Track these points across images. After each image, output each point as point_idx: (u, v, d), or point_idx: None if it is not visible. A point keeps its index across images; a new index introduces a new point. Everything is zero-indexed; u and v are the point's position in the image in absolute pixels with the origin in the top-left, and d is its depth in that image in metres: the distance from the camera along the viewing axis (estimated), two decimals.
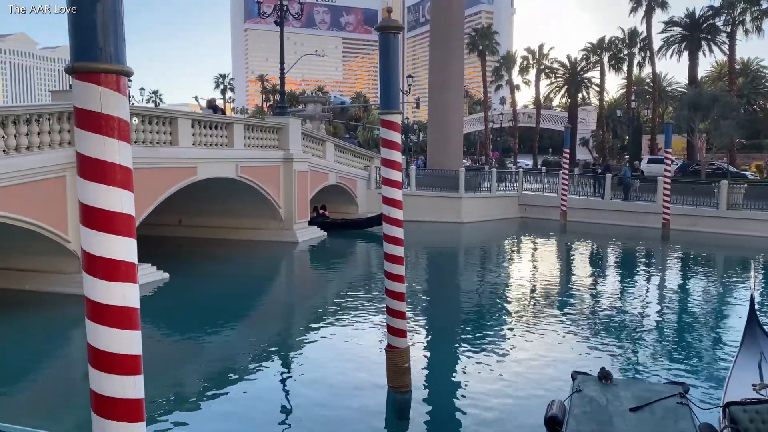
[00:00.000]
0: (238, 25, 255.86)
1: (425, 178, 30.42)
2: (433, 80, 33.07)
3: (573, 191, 29.99)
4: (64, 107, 14.18)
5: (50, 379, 10.05)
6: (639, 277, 18.93)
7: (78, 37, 3.35)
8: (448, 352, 10.92)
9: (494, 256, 23.53)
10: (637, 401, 6.57)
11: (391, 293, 8.51)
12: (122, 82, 3.42)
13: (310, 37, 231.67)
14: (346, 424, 7.89)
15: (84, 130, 3.38)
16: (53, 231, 13.44)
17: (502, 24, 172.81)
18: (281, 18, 25.39)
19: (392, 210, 8.40)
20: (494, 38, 64.15)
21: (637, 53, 56.35)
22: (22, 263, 14.48)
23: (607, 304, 14.55)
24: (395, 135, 8.31)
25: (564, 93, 66.49)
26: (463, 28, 35.52)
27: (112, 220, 3.41)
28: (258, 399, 8.78)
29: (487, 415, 8.10)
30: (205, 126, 19.37)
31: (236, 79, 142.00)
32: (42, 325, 12.39)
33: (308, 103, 52.02)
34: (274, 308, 15.33)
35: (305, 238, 22.86)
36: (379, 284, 14.37)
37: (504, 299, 15.41)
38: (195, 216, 22.96)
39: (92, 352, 3.51)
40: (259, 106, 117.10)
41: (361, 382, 9.23)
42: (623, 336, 11.86)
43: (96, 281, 3.43)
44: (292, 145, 22.90)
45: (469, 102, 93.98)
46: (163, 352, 10.75)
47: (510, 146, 73.81)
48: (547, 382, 9.03)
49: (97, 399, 3.52)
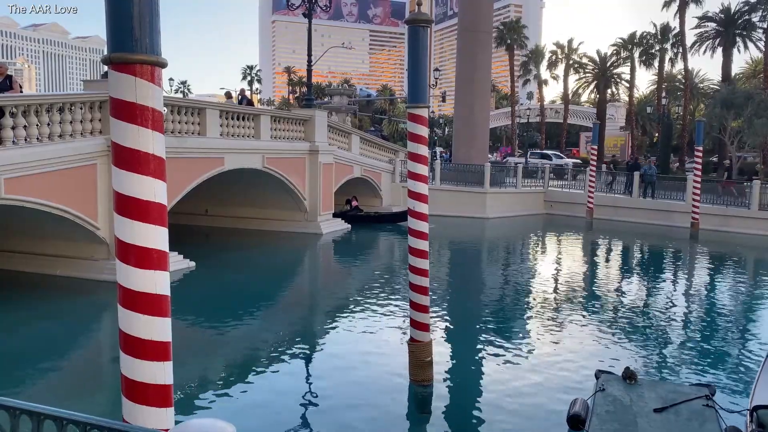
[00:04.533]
0: (266, 16, 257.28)
1: (450, 172, 30.32)
2: (460, 74, 32.86)
3: (600, 188, 29.64)
4: (96, 96, 14.43)
5: (80, 362, 10.29)
6: (666, 276, 18.67)
7: (115, 29, 3.41)
8: (471, 347, 10.90)
9: (518, 251, 23.39)
10: (662, 402, 6.50)
11: (414, 287, 8.52)
12: (157, 73, 3.47)
13: (337, 29, 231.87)
14: (368, 416, 7.94)
15: (119, 120, 3.45)
16: (83, 218, 13.71)
17: (531, 18, 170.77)
18: (309, 10, 25.42)
19: (417, 204, 8.40)
20: (522, 32, 63.44)
21: (669, 49, 55.23)
22: (54, 249, 14.79)
23: (632, 303, 14.38)
24: (422, 129, 8.30)
25: (593, 89, 65.46)
26: (491, 22, 35.20)
27: (145, 209, 3.47)
28: (280, 389, 8.88)
29: (509, 410, 8.08)
30: (233, 117, 19.54)
31: (263, 71, 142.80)
32: (72, 310, 12.66)
33: (334, 95, 52.15)
34: (298, 299, 15.46)
35: (329, 230, 22.97)
36: (403, 277, 14.40)
37: (528, 295, 15.32)
38: (220, 206, 23.22)
39: (124, 338, 3.58)
40: (286, 97, 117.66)
41: (384, 374, 9.27)
42: (648, 336, 11.71)
43: (129, 268, 3.50)
44: (318, 137, 22.99)
45: (495, 96, 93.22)
46: (189, 339, 10.91)
47: (537, 141, 73.08)
48: (569, 380, 8.97)
49: (127, 383, 3.59)
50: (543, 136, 70.71)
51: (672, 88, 57.04)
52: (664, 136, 44.13)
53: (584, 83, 66.23)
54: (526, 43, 64.37)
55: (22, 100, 13.03)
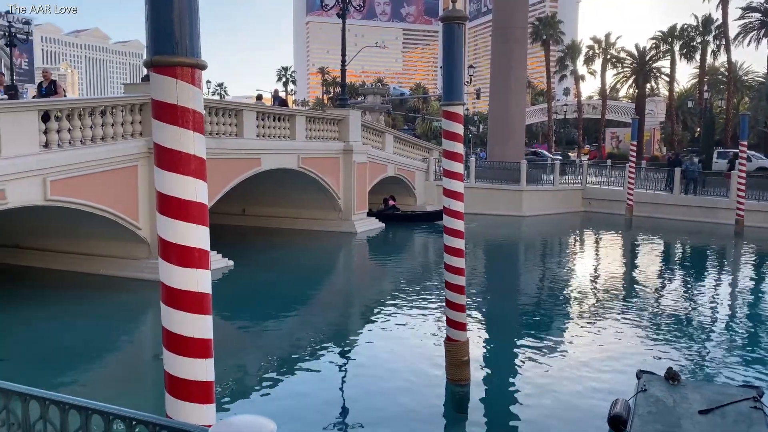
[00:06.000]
0: (300, 18, 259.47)
1: (485, 170, 30.07)
2: (495, 70, 32.57)
3: (640, 185, 29.00)
4: (136, 99, 14.76)
5: (124, 359, 10.55)
6: (710, 275, 18.17)
7: (155, 32, 3.46)
8: (508, 347, 10.79)
9: (556, 250, 23.07)
10: (707, 404, 6.33)
11: (450, 286, 8.48)
12: (197, 75, 3.52)
13: (370, 28, 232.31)
14: (404, 414, 7.94)
15: (161, 122, 3.50)
16: (125, 218, 14.03)
17: (567, 12, 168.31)
18: (343, 10, 25.51)
19: (453, 202, 8.36)
20: (558, 27, 62.57)
21: (711, 41, 53.78)
22: (97, 249, 15.18)
23: (674, 302, 14.04)
24: (457, 126, 8.25)
25: (631, 83, 64.12)
26: (526, 18, 34.80)
27: (186, 209, 3.53)
28: (317, 386, 8.94)
29: (548, 411, 7.98)
30: (269, 118, 19.77)
31: (297, 72, 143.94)
32: (115, 308, 12.98)
33: (368, 94, 52.41)
34: (334, 297, 15.55)
35: (363, 228, 23.04)
36: (438, 276, 14.35)
37: (566, 294, 15.10)
38: (256, 206, 23.50)
39: (167, 335, 3.64)
40: (320, 98, 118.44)
41: (420, 373, 9.26)
42: (692, 336, 11.42)
43: (171, 267, 3.56)
44: (352, 136, 23.08)
45: (531, 93, 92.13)
46: (229, 336, 11.07)
47: (574, 138, 72.01)
48: (609, 380, 8.81)
49: (170, 380, 3.65)
50: (580, 132, 69.59)
51: (714, 82, 55.46)
52: (707, 130, 42.99)
53: (622, 78, 64.86)
54: (562, 38, 63.47)
55: (66, 104, 13.41)
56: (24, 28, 41.34)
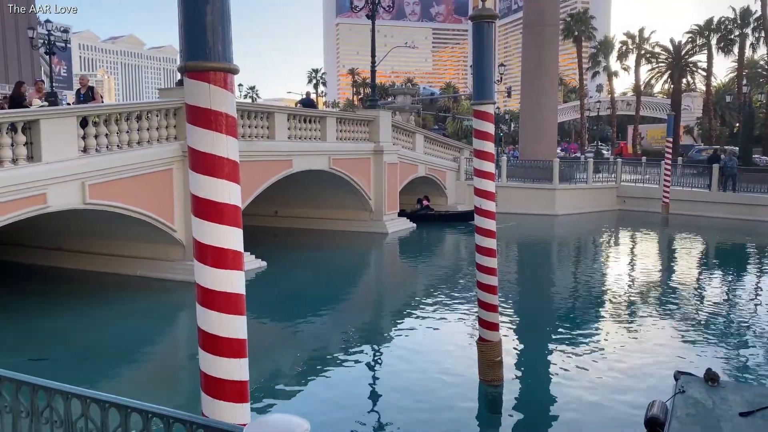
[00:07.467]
0: (330, 19, 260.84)
1: (517, 169, 29.80)
2: (527, 68, 32.25)
3: (676, 182, 28.39)
4: (171, 103, 15.03)
5: (161, 358, 10.76)
6: (750, 274, 17.68)
7: (189, 38, 3.54)
8: (542, 347, 10.68)
9: (590, 249, 22.74)
10: (749, 406, 6.16)
11: (483, 286, 8.43)
12: (230, 80, 3.58)
13: (400, 28, 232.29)
14: (437, 415, 7.93)
15: (195, 126, 3.57)
16: (161, 221, 14.31)
17: (600, 8, 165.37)
18: (373, 11, 25.57)
19: (484, 202, 8.32)
20: (590, 23, 61.56)
21: (750, 34, 52.37)
22: (134, 251, 15.51)
23: (713, 302, 13.71)
24: (488, 126, 8.20)
25: (666, 79, 62.78)
26: (558, 14, 34.35)
27: (221, 211, 3.59)
28: (350, 386, 8.99)
29: (582, 412, 7.88)
30: (300, 120, 19.94)
31: (328, 73, 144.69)
32: (151, 308, 13.25)
33: (398, 95, 52.36)
34: (366, 297, 15.60)
35: (394, 229, 23.06)
36: (470, 276, 14.28)
37: (600, 294, 14.87)
38: (288, 207, 23.71)
39: (202, 336, 3.71)
40: (350, 99, 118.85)
41: (453, 374, 9.22)
42: (732, 336, 11.14)
43: (206, 268, 3.62)
44: (383, 137, 23.12)
45: (563, 90, 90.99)
46: (262, 336, 11.18)
47: (608, 135, 70.85)
48: (646, 381, 8.66)
49: (206, 379, 3.72)
50: (614, 129, 68.43)
51: (753, 75, 54.00)
52: (746, 126, 41.82)
53: (657, 73, 63.55)
54: (594, 34, 62.44)
55: (103, 109, 13.75)
56: (62, 36, 42.37)
